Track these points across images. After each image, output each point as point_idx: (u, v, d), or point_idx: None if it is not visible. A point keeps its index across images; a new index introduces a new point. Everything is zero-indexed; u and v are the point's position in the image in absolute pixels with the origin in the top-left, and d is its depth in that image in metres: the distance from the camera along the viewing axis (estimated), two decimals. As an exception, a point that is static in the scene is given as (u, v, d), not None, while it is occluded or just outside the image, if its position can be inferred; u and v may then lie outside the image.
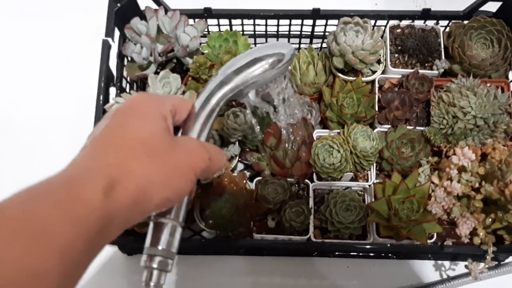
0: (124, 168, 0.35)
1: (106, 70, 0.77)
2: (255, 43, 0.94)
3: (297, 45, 0.95)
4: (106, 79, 0.77)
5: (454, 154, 0.71)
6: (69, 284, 0.30)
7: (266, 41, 0.94)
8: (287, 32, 0.90)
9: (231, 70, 0.48)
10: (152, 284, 0.40)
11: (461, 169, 0.72)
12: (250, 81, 0.49)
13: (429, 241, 0.74)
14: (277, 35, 0.92)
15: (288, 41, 0.93)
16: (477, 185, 0.71)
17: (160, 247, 0.41)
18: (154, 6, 0.83)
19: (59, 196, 0.31)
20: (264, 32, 0.91)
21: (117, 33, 0.81)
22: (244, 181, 0.77)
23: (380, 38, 0.82)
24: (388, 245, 0.73)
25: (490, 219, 0.70)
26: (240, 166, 0.90)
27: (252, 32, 0.90)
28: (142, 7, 0.83)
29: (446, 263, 0.84)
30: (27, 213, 0.29)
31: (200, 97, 0.47)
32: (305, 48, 0.87)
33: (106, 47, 0.77)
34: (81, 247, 0.30)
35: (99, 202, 0.32)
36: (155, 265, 0.40)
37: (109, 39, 0.78)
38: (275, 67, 0.50)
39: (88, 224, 0.31)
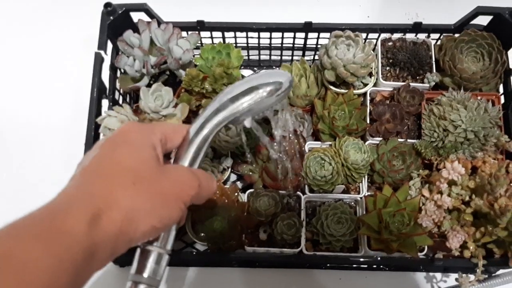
0: (109, 198, 0.35)
1: (99, 82, 0.77)
2: (248, 56, 0.95)
3: (290, 57, 0.95)
4: (99, 92, 0.77)
5: (445, 167, 0.71)
6: None
7: (259, 53, 0.95)
8: (280, 45, 0.91)
9: (227, 98, 0.48)
10: None
11: (451, 183, 0.72)
12: (245, 110, 0.48)
13: (420, 253, 0.74)
14: (270, 47, 0.92)
15: (281, 53, 0.94)
16: (467, 198, 0.72)
17: (145, 275, 0.41)
18: (147, 19, 0.83)
19: (40, 230, 0.31)
20: (257, 45, 0.91)
21: (110, 45, 0.82)
22: (236, 194, 0.77)
23: (371, 52, 0.82)
24: (379, 258, 0.73)
25: (480, 233, 0.71)
26: (233, 177, 0.90)
27: (245, 44, 0.91)
28: (135, 20, 0.84)
29: (438, 275, 0.85)
30: (8, 250, 0.29)
31: (195, 124, 0.47)
32: (297, 61, 0.88)
33: (98, 60, 0.78)
34: (65, 280, 0.30)
35: (83, 233, 0.32)
36: None
37: (102, 52, 0.78)
38: (273, 95, 0.49)
39: (71, 256, 0.31)
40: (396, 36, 0.88)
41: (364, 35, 0.85)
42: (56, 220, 0.32)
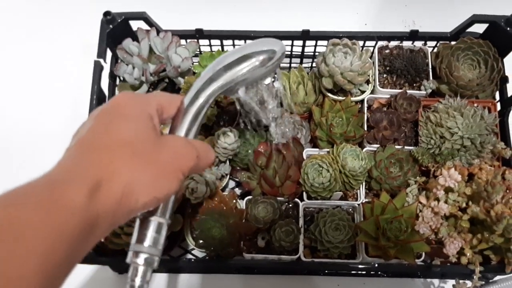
0: (109, 170, 0.35)
1: (98, 90, 0.78)
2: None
3: (288, 65, 0.96)
4: (98, 99, 0.78)
5: (441, 174, 0.72)
6: (58, 280, 0.30)
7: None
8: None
9: (220, 67, 0.47)
10: (137, 280, 0.40)
11: (448, 190, 0.73)
12: (239, 79, 0.48)
13: (417, 260, 0.75)
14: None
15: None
16: (464, 205, 0.72)
17: (146, 244, 0.41)
18: (146, 27, 0.84)
19: (40, 199, 0.31)
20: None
21: (109, 53, 0.82)
22: (234, 201, 0.77)
23: (368, 59, 0.83)
24: (376, 265, 0.73)
25: (476, 239, 0.71)
26: (232, 184, 0.91)
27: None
28: (134, 28, 0.84)
29: (435, 281, 0.85)
30: (7, 216, 0.28)
31: (188, 94, 0.47)
32: (295, 68, 0.88)
33: (98, 68, 0.78)
34: (64, 250, 0.30)
35: (83, 204, 0.32)
36: (140, 262, 0.41)
37: (101, 60, 0.79)
38: (265, 65, 0.48)
39: (70, 227, 0.31)
40: (393, 43, 0.89)
41: (361, 42, 0.86)
42: (55, 191, 0.31)
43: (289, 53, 0.93)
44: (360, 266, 0.76)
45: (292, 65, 0.96)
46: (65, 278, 0.31)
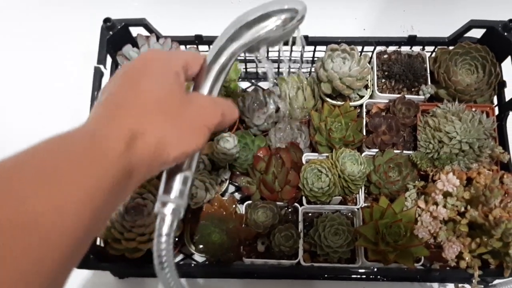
0: (143, 124, 0.37)
1: (98, 96, 0.78)
2: (245, 68, 0.96)
3: (287, 70, 0.96)
4: (98, 105, 0.78)
5: (440, 179, 0.72)
6: (97, 225, 0.32)
7: (256, 66, 0.96)
8: (277, 58, 0.92)
9: (241, 25, 0.47)
10: (164, 228, 0.43)
11: (447, 194, 0.73)
12: (261, 37, 0.47)
13: (417, 264, 0.75)
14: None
15: (278, 65, 0.95)
16: (462, 209, 0.73)
17: (172, 196, 0.44)
18: (146, 33, 0.85)
19: (82, 147, 0.33)
20: (254, 57, 0.92)
21: (109, 59, 0.83)
22: (234, 206, 0.78)
23: (367, 64, 0.84)
24: (375, 269, 0.74)
25: (475, 244, 0.71)
26: (231, 188, 0.91)
27: (243, 58, 0.92)
28: (134, 34, 0.85)
29: (435, 285, 0.85)
30: (51, 163, 0.30)
31: (210, 52, 0.47)
32: (294, 73, 0.89)
33: (98, 74, 0.79)
34: (105, 193, 0.32)
35: (121, 153, 0.34)
36: (168, 212, 0.43)
37: (101, 66, 0.79)
38: (286, 24, 0.47)
39: (111, 173, 0.33)
40: (391, 48, 0.89)
41: (359, 48, 0.86)
42: (95, 140, 0.34)
43: (288, 58, 0.93)
44: (359, 271, 0.76)
45: (291, 70, 0.96)
46: (107, 219, 0.35)
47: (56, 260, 0.28)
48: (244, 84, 0.99)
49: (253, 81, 1.00)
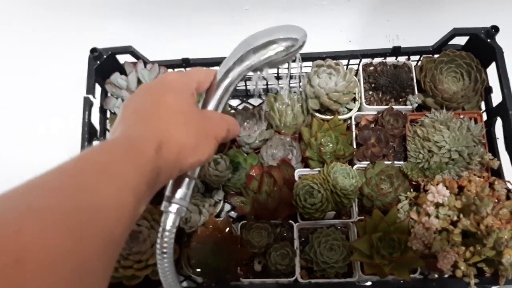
0: (168, 133, 0.42)
1: (89, 125, 0.79)
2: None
3: (276, 87, 0.97)
4: (89, 134, 0.79)
5: (430, 190, 0.73)
6: (136, 217, 0.37)
7: (245, 84, 0.97)
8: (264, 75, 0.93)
9: (249, 49, 0.52)
10: (168, 224, 0.49)
11: (439, 204, 0.73)
12: (266, 61, 0.53)
13: (413, 275, 0.75)
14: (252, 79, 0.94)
15: (267, 82, 0.96)
16: (455, 218, 0.73)
17: (177, 196, 0.49)
18: (133, 59, 0.86)
19: (124, 150, 0.38)
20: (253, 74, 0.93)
21: (98, 88, 0.84)
22: (228, 228, 0.78)
23: (354, 78, 0.84)
24: (370, 283, 0.74)
25: (469, 252, 0.72)
26: (227, 207, 0.91)
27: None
28: (121, 61, 0.86)
29: (434, 293, 0.85)
30: (104, 162, 0.36)
31: (220, 70, 0.53)
32: (282, 89, 0.89)
33: (87, 104, 0.80)
34: (143, 188, 0.37)
35: (153, 156, 0.39)
36: (172, 210, 0.49)
37: (90, 96, 0.80)
38: (288, 51, 0.53)
39: (147, 172, 0.38)
40: (377, 60, 0.90)
41: (345, 61, 0.87)
42: (133, 144, 0.39)
43: (276, 75, 0.94)
44: (356, 285, 0.76)
45: (280, 86, 0.97)
46: (141, 213, 0.39)
47: (115, 244, 0.33)
48: (234, 102, 1.00)
49: (243, 99, 1.00)
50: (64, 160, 0.35)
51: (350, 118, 0.87)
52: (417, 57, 0.90)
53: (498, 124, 0.83)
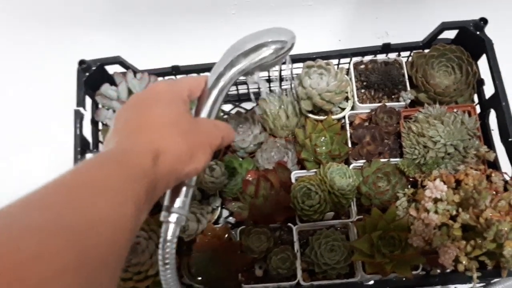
0: (163, 144, 0.42)
1: (81, 138, 0.79)
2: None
3: (268, 89, 0.97)
4: (82, 147, 0.79)
5: (427, 186, 0.72)
6: (137, 228, 0.37)
7: (237, 88, 0.97)
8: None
9: (240, 52, 0.52)
10: (168, 234, 0.48)
11: (437, 199, 0.73)
12: (256, 64, 0.53)
13: (415, 272, 0.75)
14: (247, 82, 0.94)
15: (258, 85, 0.95)
16: (454, 212, 0.72)
17: (176, 206, 0.49)
18: (123, 70, 0.85)
19: (117, 162, 0.38)
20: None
21: (89, 100, 0.83)
22: (227, 235, 0.77)
23: (345, 77, 0.84)
24: (373, 282, 0.73)
25: (470, 246, 0.71)
26: (225, 212, 0.91)
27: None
28: (111, 72, 0.85)
29: (437, 288, 0.85)
30: (95, 175, 0.35)
31: (210, 77, 0.53)
32: (274, 91, 0.89)
33: (78, 117, 0.79)
34: (142, 198, 0.37)
35: (149, 168, 0.39)
36: (172, 220, 0.49)
37: (81, 109, 0.79)
38: (278, 53, 0.53)
39: (144, 183, 0.38)
40: (367, 58, 0.90)
41: (336, 61, 0.87)
42: (127, 157, 0.39)
43: (267, 77, 0.93)
44: (359, 285, 0.75)
45: (271, 88, 0.96)
46: (141, 223, 0.39)
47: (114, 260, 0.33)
48: (226, 107, 0.99)
49: (236, 103, 1.00)
50: (59, 174, 0.34)
51: (344, 117, 0.87)
52: (407, 53, 0.90)
53: (492, 116, 0.83)
